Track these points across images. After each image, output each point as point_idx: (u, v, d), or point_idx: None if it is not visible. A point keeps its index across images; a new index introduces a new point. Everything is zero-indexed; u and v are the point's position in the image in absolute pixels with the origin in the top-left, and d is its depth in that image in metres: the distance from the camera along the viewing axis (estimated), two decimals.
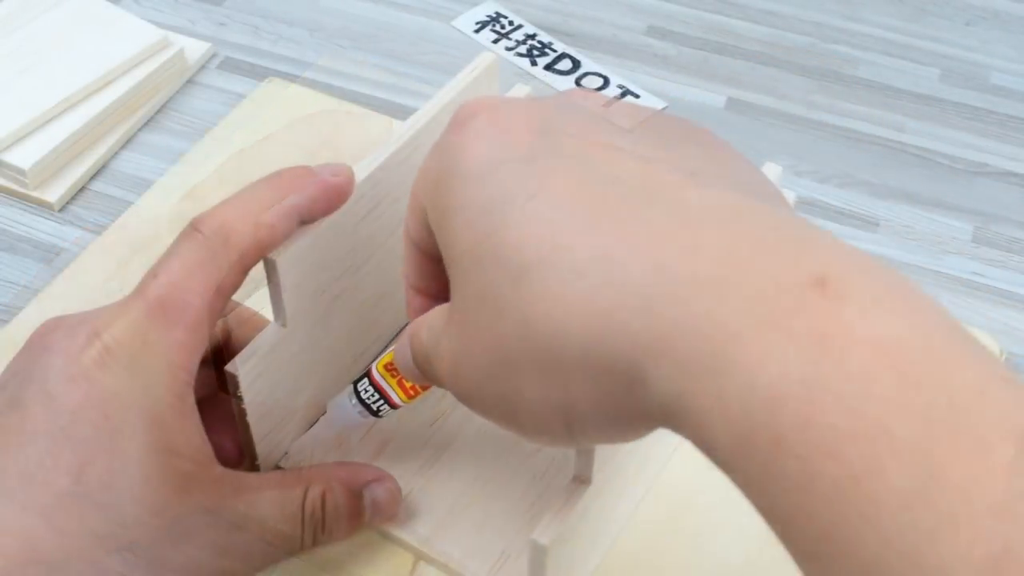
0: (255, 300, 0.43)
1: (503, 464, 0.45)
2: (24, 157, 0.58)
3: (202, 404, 0.38)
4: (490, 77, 0.46)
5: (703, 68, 0.69)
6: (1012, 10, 0.74)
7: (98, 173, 0.60)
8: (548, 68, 0.68)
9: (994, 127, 0.65)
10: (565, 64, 0.69)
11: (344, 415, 0.42)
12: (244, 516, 0.38)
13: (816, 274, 0.24)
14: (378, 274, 0.44)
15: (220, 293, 0.37)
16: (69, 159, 0.59)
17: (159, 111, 0.64)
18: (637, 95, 0.66)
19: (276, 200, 0.37)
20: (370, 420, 0.41)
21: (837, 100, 0.67)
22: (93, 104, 0.60)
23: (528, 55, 0.69)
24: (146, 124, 0.63)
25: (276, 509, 0.39)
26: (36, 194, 0.58)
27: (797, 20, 0.73)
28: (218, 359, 0.41)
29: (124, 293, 0.37)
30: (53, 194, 0.58)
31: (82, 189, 0.59)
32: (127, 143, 0.62)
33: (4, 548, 0.33)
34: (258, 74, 0.66)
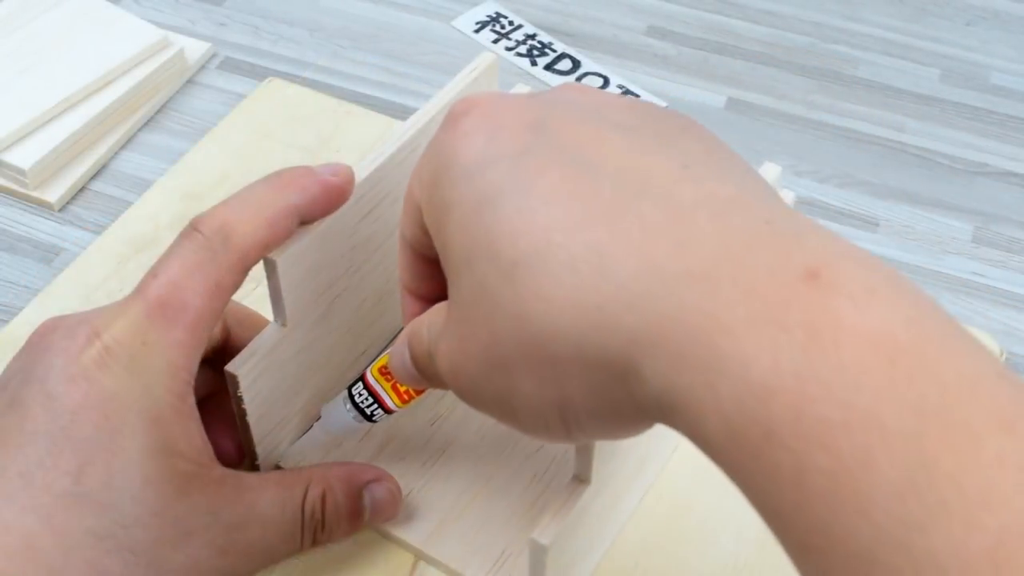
0: (255, 300, 0.43)
1: (503, 464, 0.45)
2: (24, 157, 0.58)
3: (202, 404, 0.38)
4: (490, 77, 0.46)
5: (703, 68, 0.69)
6: (1012, 10, 0.74)
7: (98, 173, 0.60)
8: (548, 68, 0.68)
9: (994, 127, 0.65)
10: (565, 64, 0.69)
11: (338, 420, 0.41)
12: (244, 516, 0.38)
13: (808, 267, 0.24)
14: (378, 274, 0.44)
15: (220, 293, 0.37)
16: (69, 159, 0.59)
17: (159, 111, 0.64)
18: (637, 95, 0.66)
19: (276, 200, 0.37)
20: (364, 425, 0.41)
21: (837, 100, 0.67)
22: (93, 104, 0.61)
23: (528, 55, 0.69)
24: (146, 124, 0.63)
25: (276, 509, 0.39)
26: (36, 194, 0.58)
27: (797, 20, 0.73)
28: (218, 359, 0.41)
29: (124, 293, 0.37)
30: (53, 194, 0.58)
31: (82, 189, 0.59)
32: (127, 143, 0.62)
33: (4, 548, 0.33)
34: (258, 74, 0.66)
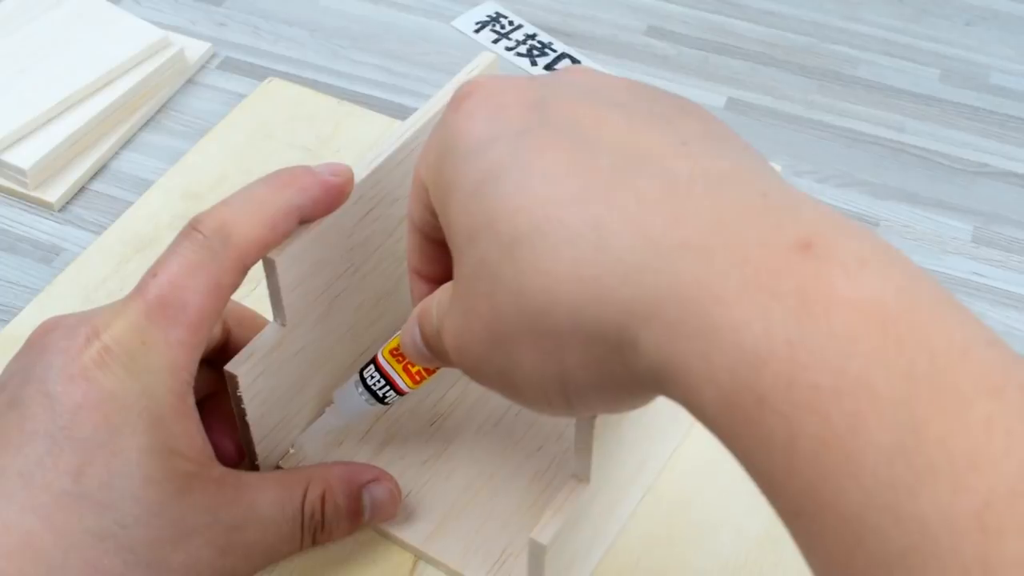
0: (255, 300, 0.43)
1: (503, 464, 0.45)
2: (24, 157, 0.58)
3: (202, 404, 0.38)
4: None
5: (703, 68, 0.69)
6: (1012, 10, 0.74)
7: (98, 173, 0.60)
8: (548, 68, 0.68)
9: (994, 127, 0.65)
10: (565, 64, 0.69)
11: (350, 404, 0.42)
12: (244, 516, 0.38)
13: (801, 237, 0.24)
14: (377, 274, 0.44)
15: (220, 292, 0.37)
16: (69, 159, 0.59)
17: (159, 111, 0.64)
18: None
19: (276, 200, 0.37)
20: (377, 408, 0.41)
21: (837, 100, 0.67)
22: (93, 104, 0.61)
23: (528, 55, 0.69)
24: (146, 124, 0.63)
25: (276, 509, 0.39)
26: (36, 194, 0.58)
27: (797, 20, 0.73)
28: (218, 359, 0.41)
29: (124, 293, 0.37)
30: (53, 194, 0.58)
31: (82, 189, 0.59)
32: (127, 143, 0.62)
33: (4, 547, 0.33)
34: (258, 74, 0.66)
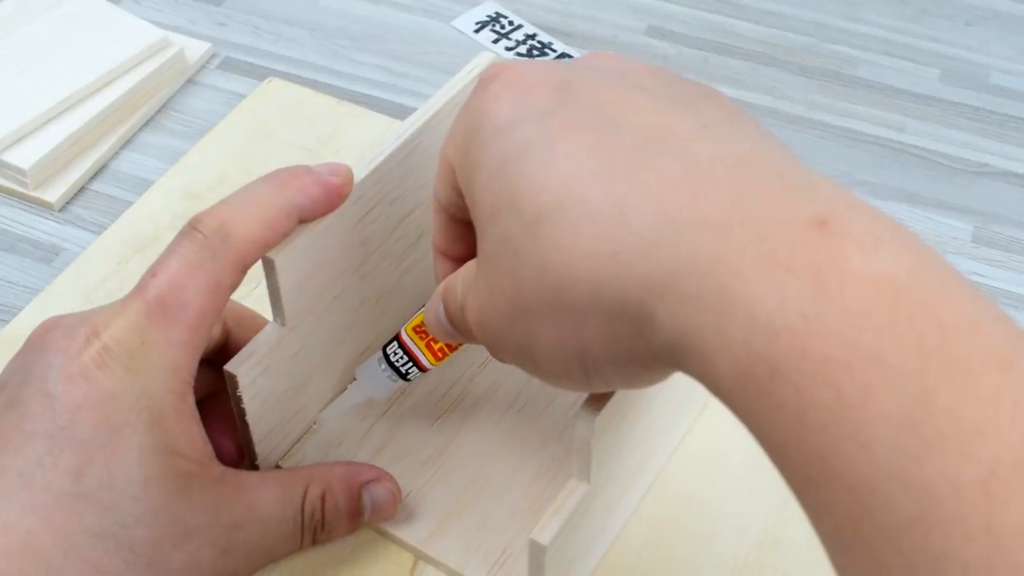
0: (255, 300, 0.43)
1: (503, 464, 0.45)
2: (24, 157, 0.58)
3: (202, 404, 0.38)
4: None
5: (703, 68, 0.69)
6: (1012, 10, 0.74)
7: (98, 173, 0.60)
8: None
9: (994, 127, 0.65)
10: None
11: (373, 381, 0.42)
12: (244, 515, 0.38)
13: (817, 215, 0.25)
14: (377, 274, 0.44)
15: (219, 292, 0.37)
16: (69, 159, 0.59)
17: (159, 111, 0.64)
18: None
19: (275, 199, 0.37)
20: (399, 384, 0.42)
21: (837, 100, 0.67)
22: (93, 104, 0.61)
23: (528, 55, 0.69)
24: (146, 124, 0.63)
25: (276, 509, 0.39)
26: (36, 194, 0.58)
27: (797, 20, 0.73)
28: (218, 359, 0.41)
29: (124, 293, 0.37)
30: (53, 194, 0.58)
31: (82, 189, 0.59)
32: (127, 143, 0.62)
33: (4, 547, 0.33)
34: (258, 74, 0.66)
